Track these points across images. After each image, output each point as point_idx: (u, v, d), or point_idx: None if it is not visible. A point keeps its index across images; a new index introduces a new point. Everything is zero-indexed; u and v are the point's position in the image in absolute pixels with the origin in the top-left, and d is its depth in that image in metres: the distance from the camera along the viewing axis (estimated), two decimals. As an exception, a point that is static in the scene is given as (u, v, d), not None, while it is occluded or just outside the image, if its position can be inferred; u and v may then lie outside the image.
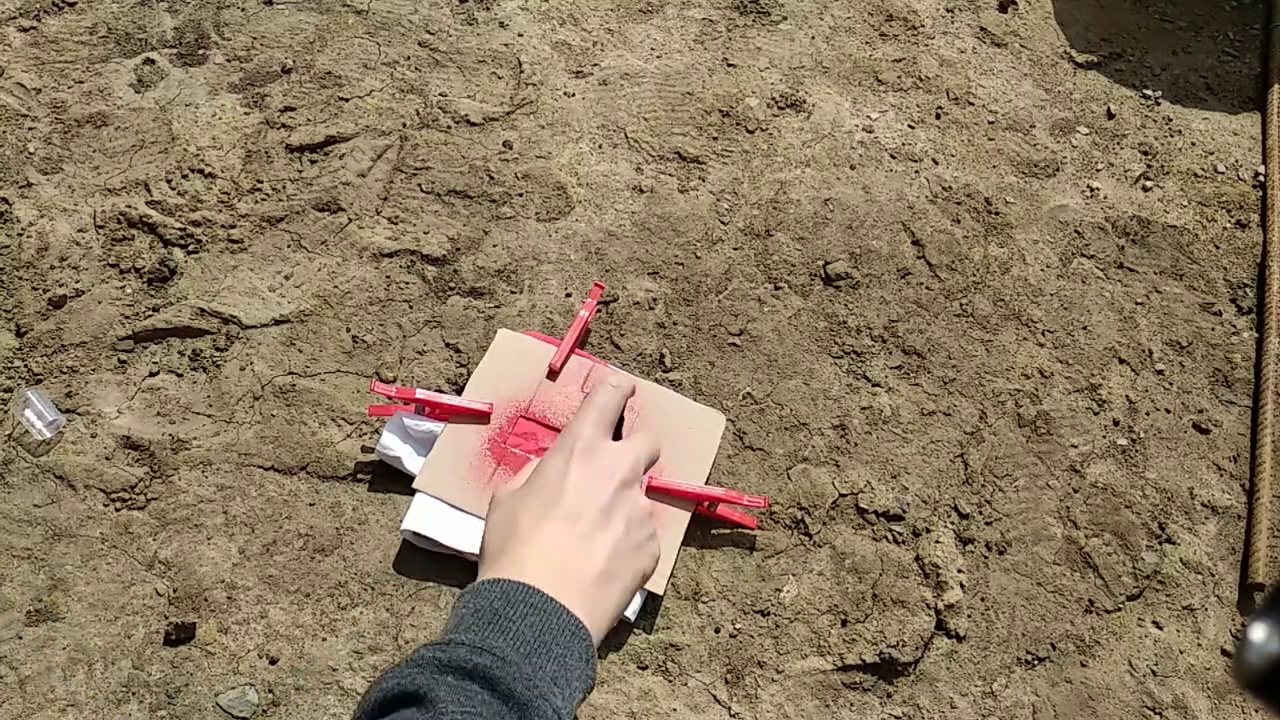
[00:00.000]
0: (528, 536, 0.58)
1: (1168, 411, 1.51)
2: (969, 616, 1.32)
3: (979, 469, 1.42)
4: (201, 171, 1.55)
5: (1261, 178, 1.74)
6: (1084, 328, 1.56)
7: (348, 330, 1.44)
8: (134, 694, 1.19)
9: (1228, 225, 1.69)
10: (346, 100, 1.64)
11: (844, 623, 1.30)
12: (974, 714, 1.27)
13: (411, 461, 1.31)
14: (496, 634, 0.52)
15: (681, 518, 1.31)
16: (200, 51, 1.68)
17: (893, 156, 1.69)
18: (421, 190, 1.57)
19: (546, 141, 1.64)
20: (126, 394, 1.37)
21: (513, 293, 1.50)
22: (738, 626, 1.29)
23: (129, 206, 1.50)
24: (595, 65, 1.73)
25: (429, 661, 0.51)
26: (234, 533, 1.29)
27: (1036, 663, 1.31)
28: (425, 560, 1.28)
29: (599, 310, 1.48)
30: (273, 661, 1.22)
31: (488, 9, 1.78)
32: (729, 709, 1.24)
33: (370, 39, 1.72)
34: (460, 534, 1.26)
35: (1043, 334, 1.55)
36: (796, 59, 1.78)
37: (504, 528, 0.59)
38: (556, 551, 0.57)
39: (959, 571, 1.35)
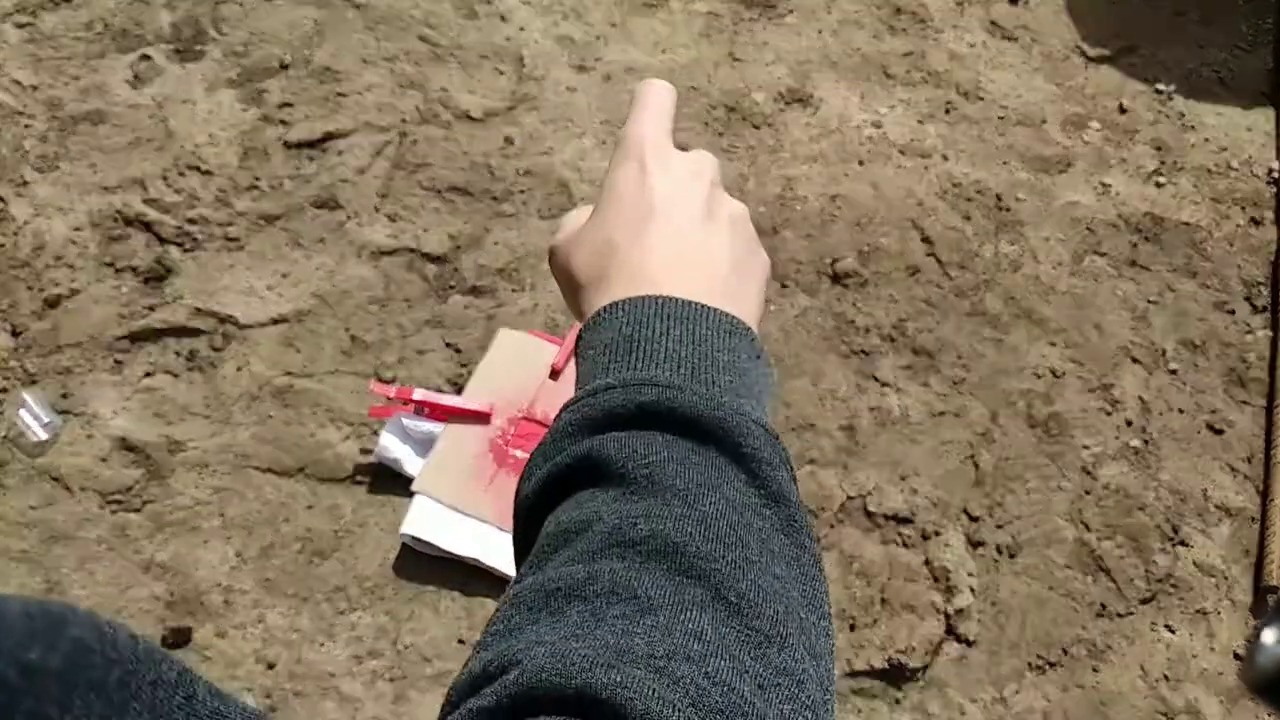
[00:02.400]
0: (630, 251, 0.45)
1: (1181, 412, 1.48)
2: (979, 621, 1.30)
3: (989, 471, 1.40)
4: (198, 169, 1.53)
5: (1275, 174, 1.71)
6: (1096, 326, 1.53)
7: (346, 330, 1.42)
8: (130, 700, 1.17)
9: (1241, 222, 1.66)
10: (345, 96, 1.62)
11: (852, 627, 1.28)
12: (984, 721, 1.25)
13: (411, 463, 1.29)
14: (645, 363, 0.40)
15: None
16: (197, 47, 1.66)
17: (902, 152, 1.66)
18: (421, 187, 1.55)
19: (549, 137, 1.62)
20: (123, 395, 1.35)
21: (514, 291, 1.47)
22: (743, 631, 1.27)
23: (125, 204, 1.48)
24: (598, 59, 1.71)
25: (579, 424, 0.40)
26: (231, 535, 1.27)
27: (1048, 668, 1.29)
28: (425, 564, 1.27)
29: (602, 309, 1.46)
30: (270, 666, 1.20)
31: (489, 3, 1.75)
32: (734, 715, 1.22)
33: (369, 33, 1.70)
34: (460, 537, 1.24)
35: (1054, 333, 1.52)
36: (803, 53, 1.76)
37: (596, 257, 0.46)
38: (671, 254, 0.45)
39: (969, 575, 1.32)
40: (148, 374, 1.37)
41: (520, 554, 0.40)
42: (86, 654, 0.20)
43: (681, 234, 0.46)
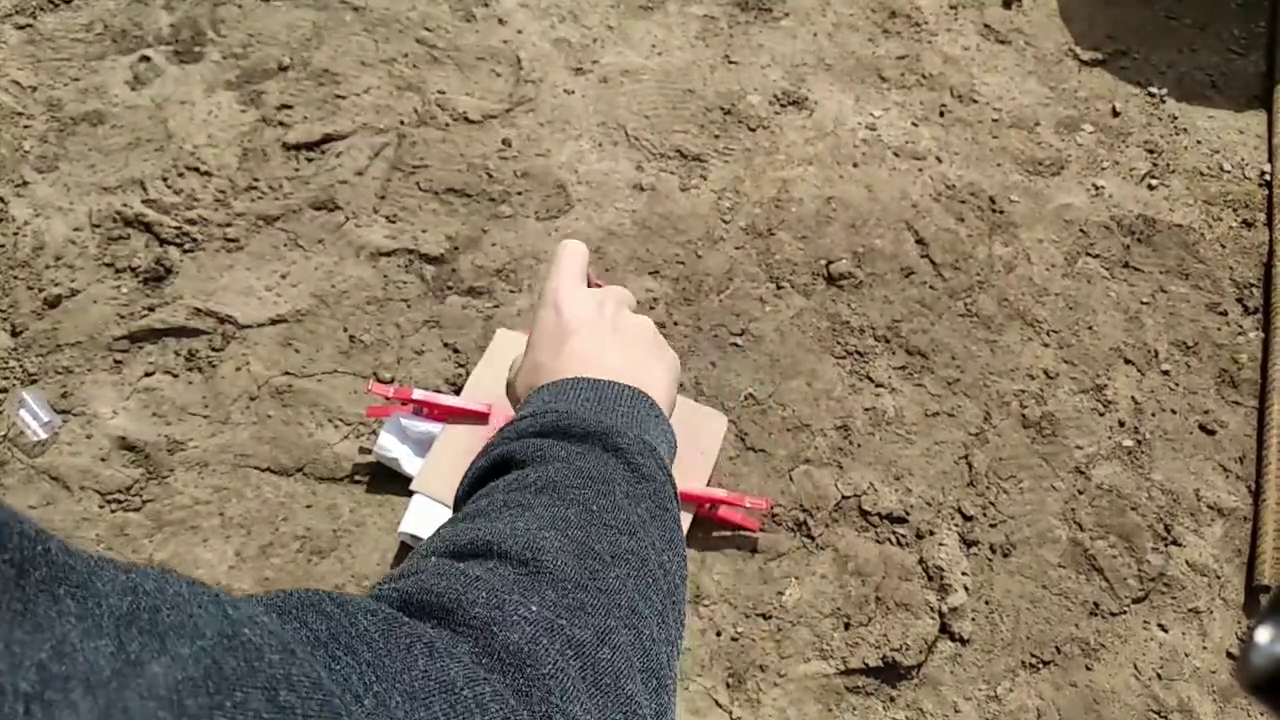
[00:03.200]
0: (553, 365, 0.58)
1: (1173, 412, 1.49)
2: (973, 619, 1.31)
3: (983, 470, 1.41)
4: (197, 170, 1.54)
5: (1268, 176, 1.72)
6: (1089, 328, 1.55)
7: (345, 330, 1.43)
8: (129, 698, 1.18)
9: (1234, 224, 1.67)
10: (344, 98, 1.63)
11: (847, 626, 1.29)
12: (978, 718, 1.26)
13: (409, 463, 1.30)
14: (559, 404, 0.53)
15: (682, 520, 1.30)
16: (196, 49, 1.66)
17: (896, 154, 1.67)
18: (419, 189, 1.56)
19: (546, 139, 1.62)
20: (122, 394, 1.36)
21: (512, 292, 1.48)
22: (739, 630, 1.28)
23: (125, 205, 1.49)
24: (595, 62, 1.72)
25: (498, 440, 0.51)
26: (230, 534, 1.28)
27: (1041, 666, 1.30)
28: (423, 563, 1.27)
29: (599, 310, 1.47)
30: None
31: (486, 5, 1.76)
32: (730, 713, 1.23)
33: (368, 36, 1.70)
34: (459, 536, 1.24)
35: (1047, 334, 1.53)
36: (799, 56, 1.77)
37: (529, 378, 0.59)
38: (585, 358, 0.58)
39: (963, 574, 1.33)
40: (147, 374, 1.38)
41: None
42: None
43: (591, 343, 0.59)
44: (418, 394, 1.31)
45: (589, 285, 0.66)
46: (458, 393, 1.37)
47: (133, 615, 0.23)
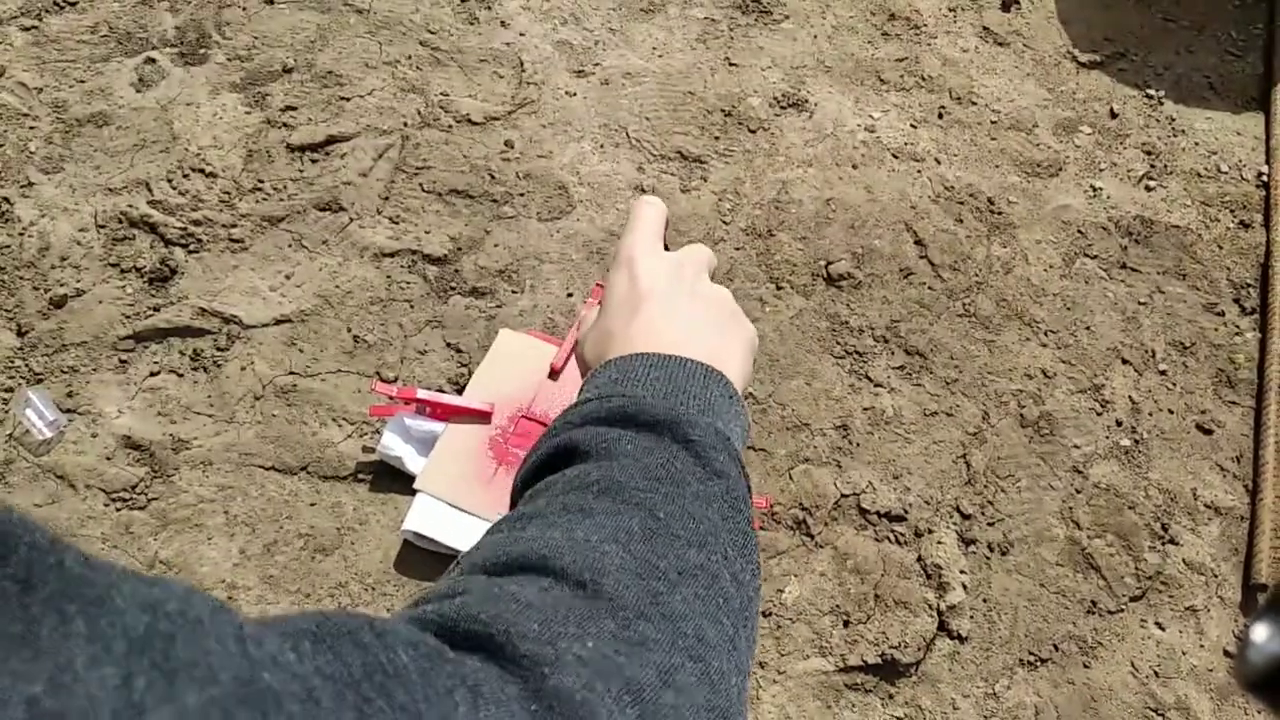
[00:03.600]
0: (624, 334, 0.54)
1: (1171, 412, 1.50)
2: (971, 617, 1.32)
3: (981, 470, 1.42)
4: (202, 171, 1.55)
5: (1265, 178, 1.74)
6: (1087, 328, 1.56)
7: (349, 330, 1.44)
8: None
9: (1231, 225, 1.68)
10: (348, 100, 1.64)
11: (846, 623, 1.30)
12: (976, 715, 1.27)
13: (413, 461, 1.31)
14: (624, 387, 0.48)
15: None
16: (201, 51, 1.68)
17: (895, 156, 1.69)
18: (423, 190, 1.57)
19: (548, 141, 1.64)
20: (127, 394, 1.37)
21: (514, 292, 1.49)
22: (739, 627, 1.28)
23: (130, 206, 1.50)
24: (597, 64, 1.73)
25: (561, 425, 0.48)
26: (235, 532, 1.29)
27: (1039, 664, 1.31)
28: (426, 561, 1.28)
29: (600, 310, 1.48)
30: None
31: (489, 8, 1.78)
32: (730, 710, 1.24)
33: (371, 38, 1.72)
34: (461, 534, 1.25)
35: (1045, 334, 1.54)
36: (798, 58, 1.78)
37: (598, 345, 0.55)
38: (658, 328, 0.53)
39: (961, 572, 1.34)
40: (152, 373, 1.39)
41: None
42: None
43: (666, 312, 0.54)
44: (421, 393, 1.32)
45: (664, 247, 0.61)
46: (460, 392, 1.38)
47: (147, 640, 0.22)
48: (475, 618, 0.34)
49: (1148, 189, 1.71)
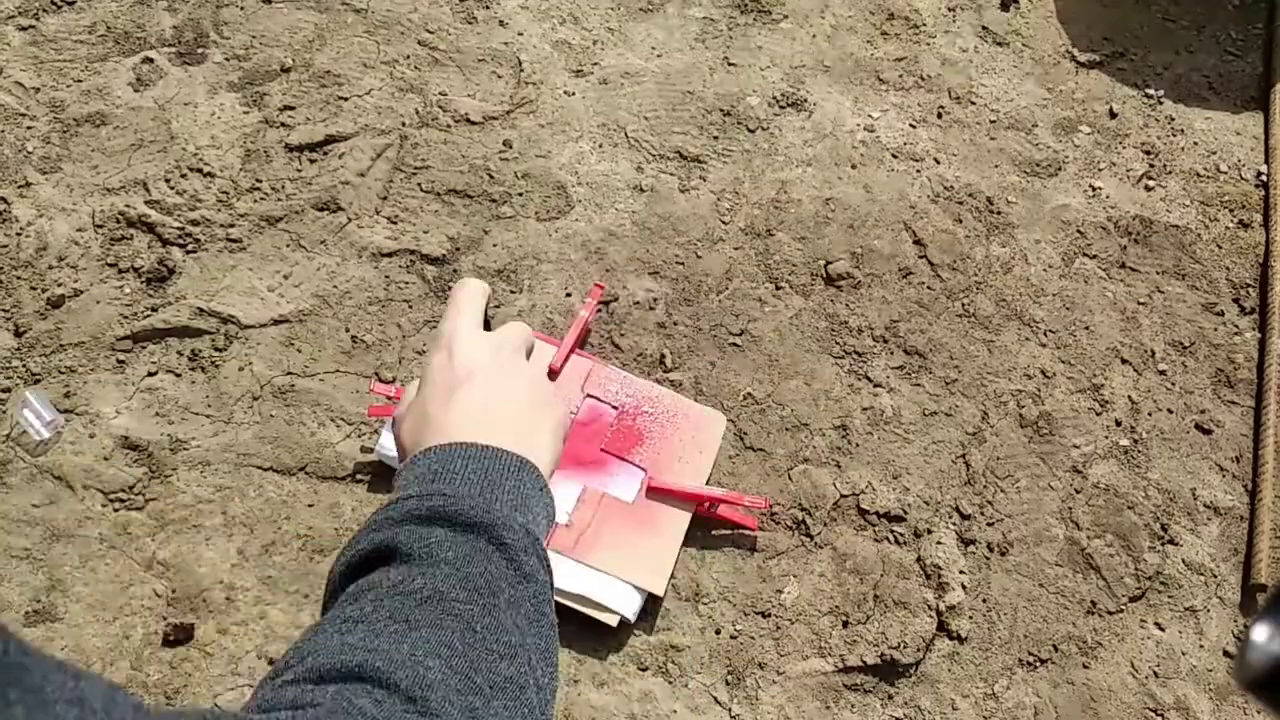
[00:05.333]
0: (440, 417, 0.57)
1: (1170, 412, 1.50)
2: (970, 618, 1.32)
3: (981, 470, 1.42)
4: (200, 171, 1.55)
5: (1264, 177, 1.73)
6: (1086, 328, 1.56)
7: (347, 330, 1.44)
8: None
9: (1230, 225, 1.68)
10: (346, 99, 1.64)
11: (845, 624, 1.30)
12: (975, 715, 1.27)
13: (411, 462, 1.30)
14: (442, 483, 0.52)
15: (682, 518, 1.31)
16: (199, 50, 1.67)
17: (894, 156, 1.68)
18: (421, 189, 1.57)
19: (546, 140, 1.63)
20: (125, 394, 1.37)
21: (512, 292, 1.49)
22: (738, 628, 1.28)
23: (128, 206, 1.50)
24: (596, 64, 1.73)
25: (381, 522, 0.51)
26: (233, 533, 1.29)
27: (1038, 664, 1.31)
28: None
29: (599, 310, 1.48)
30: (271, 662, 1.21)
31: (487, 7, 1.77)
32: (729, 710, 1.24)
33: (369, 38, 1.71)
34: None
35: (1045, 334, 1.54)
36: (798, 58, 1.78)
37: (415, 428, 0.58)
38: (474, 411, 0.57)
39: (960, 573, 1.34)
40: (150, 373, 1.39)
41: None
42: None
43: (482, 393, 0.58)
44: (419, 394, 1.32)
45: (487, 326, 0.64)
46: (459, 392, 1.38)
47: None
48: None
49: (1147, 189, 1.71)
